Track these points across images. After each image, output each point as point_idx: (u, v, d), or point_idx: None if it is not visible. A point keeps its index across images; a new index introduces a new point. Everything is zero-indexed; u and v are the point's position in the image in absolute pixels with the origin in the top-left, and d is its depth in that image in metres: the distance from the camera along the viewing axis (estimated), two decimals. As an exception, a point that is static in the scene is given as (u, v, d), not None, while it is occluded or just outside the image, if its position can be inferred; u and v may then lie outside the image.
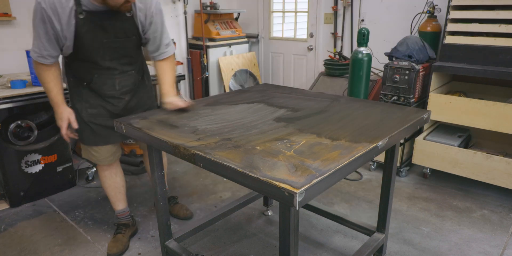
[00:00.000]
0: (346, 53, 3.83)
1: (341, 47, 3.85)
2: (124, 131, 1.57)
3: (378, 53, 3.52)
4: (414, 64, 2.69)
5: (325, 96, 1.96)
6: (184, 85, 4.20)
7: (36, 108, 2.51)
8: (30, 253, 2.10)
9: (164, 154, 1.96)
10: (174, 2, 3.94)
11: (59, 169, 2.73)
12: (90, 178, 2.92)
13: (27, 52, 2.43)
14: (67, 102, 1.86)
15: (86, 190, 2.81)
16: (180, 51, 4.14)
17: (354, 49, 3.53)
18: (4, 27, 2.88)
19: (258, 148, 1.27)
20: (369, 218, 2.40)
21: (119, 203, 2.19)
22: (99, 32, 1.68)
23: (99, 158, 2.01)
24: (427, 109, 2.73)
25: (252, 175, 1.06)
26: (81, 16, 1.61)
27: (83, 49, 1.70)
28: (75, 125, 1.84)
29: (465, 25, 2.59)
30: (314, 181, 1.02)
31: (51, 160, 2.66)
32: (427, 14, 3.04)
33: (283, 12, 4.37)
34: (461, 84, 3.06)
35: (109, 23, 1.67)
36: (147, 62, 2.08)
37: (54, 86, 1.78)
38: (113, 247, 2.06)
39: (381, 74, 3.41)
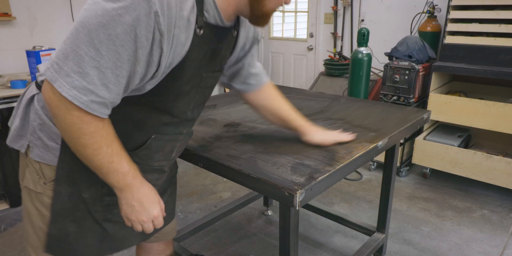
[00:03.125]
0: (346, 53, 3.83)
1: (341, 47, 3.85)
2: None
3: (378, 53, 3.52)
4: (414, 64, 2.69)
5: (325, 96, 1.96)
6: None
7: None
8: (30, 253, 2.10)
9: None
10: (174, 2, 3.94)
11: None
12: (90, 178, 2.92)
13: (27, 52, 2.44)
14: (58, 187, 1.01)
15: (86, 190, 2.81)
16: (180, 51, 4.14)
17: (354, 49, 3.53)
18: (4, 27, 2.88)
19: (258, 148, 1.27)
20: (369, 218, 2.40)
21: None
22: (204, 61, 0.99)
23: None
24: (427, 109, 2.73)
25: (252, 175, 1.06)
26: (200, 32, 0.91)
27: (171, 87, 0.95)
28: (163, 212, 1.02)
29: (465, 25, 2.59)
30: (314, 181, 1.02)
31: (51, 160, 2.66)
32: (427, 14, 3.04)
33: (283, 12, 4.37)
34: (461, 84, 3.06)
35: (219, 47, 1.02)
36: None
37: (121, 148, 0.91)
38: None
39: (381, 74, 3.41)
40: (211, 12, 0.91)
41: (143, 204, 0.95)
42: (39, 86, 0.97)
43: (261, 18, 0.98)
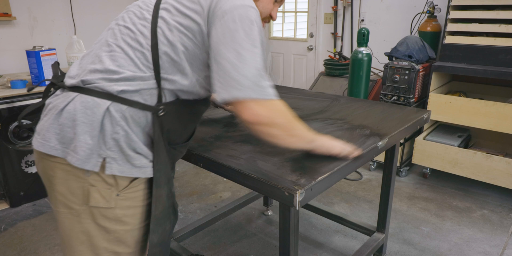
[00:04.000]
0: (346, 53, 3.83)
1: (341, 47, 3.85)
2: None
3: (378, 53, 3.52)
4: (414, 64, 2.69)
5: (325, 96, 1.96)
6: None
7: (36, 108, 2.51)
8: (30, 253, 2.10)
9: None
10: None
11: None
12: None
13: (27, 52, 2.44)
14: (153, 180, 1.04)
15: (86, 190, 2.81)
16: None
17: (354, 49, 3.53)
18: (4, 27, 2.88)
19: (258, 148, 1.27)
20: (369, 218, 2.40)
21: None
22: None
23: None
24: (427, 109, 2.73)
25: (252, 175, 1.06)
26: None
27: None
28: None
29: (465, 25, 2.59)
30: (314, 181, 1.02)
31: (51, 160, 2.66)
32: (427, 14, 3.04)
33: (283, 12, 4.37)
34: (461, 84, 3.06)
35: None
36: None
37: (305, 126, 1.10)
38: None
39: (381, 74, 3.41)
40: None
41: (333, 140, 1.17)
42: (113, 96, 0.95)
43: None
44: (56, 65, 1.15)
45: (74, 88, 0.98)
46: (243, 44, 0.94)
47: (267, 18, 1.17)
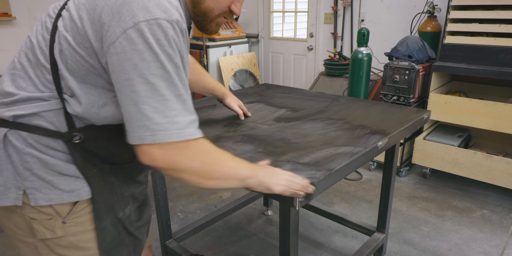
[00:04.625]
0: (346, 53, 3.83)
1: (341, 47, 3.85)
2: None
3: (378, 53, 3.52)
4: (414, 64, 2.69)
5: (325, 96, 1.96)
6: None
7: None
8: (30, 253, 2.10)
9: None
10: (174, 2, 3.94)
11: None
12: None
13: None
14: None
15: (86, 190, 2.81)
16: (180, 51, 4.14)
17: (354, 49, 3.53)
18: (4, 27, 2.88)
19: (258, 148, 1.27)
20: (369, 218, 2.40)
21: None
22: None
23: None
24: (427, 109, 2.73)
25: (252, 175, 1.06)
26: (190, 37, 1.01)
27: None
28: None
29: (465, 25, 2.59)
30: (314, 181, 1.02)
31: (51, 160, 2.66)
32: (427, 14, 3.04)
33: (283, 12, 4.37)
34: (461, 84, 3.06)
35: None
36: None
37: (231, 156, 0.93)
38: None
39: (381, 74, 3.41)
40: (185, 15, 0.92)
41: (272, 172, 0.97)
42: (8, 123, 0.82)
43: (201, 18, 0.93)
44: None
45: None
46: (152, 71, 0.74)
47: (226, 13, 0.95)
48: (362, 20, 3.63)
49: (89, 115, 0.84)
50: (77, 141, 0.84)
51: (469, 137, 3.01)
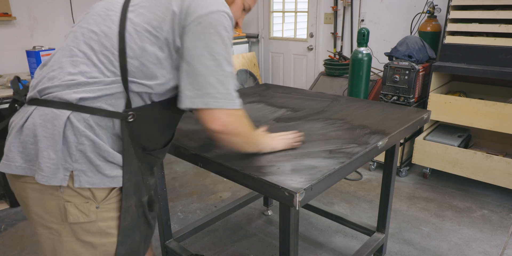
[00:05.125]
0: (346, 53, 3.83)
1: (341, 47, 3.85)
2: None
3: (378, 53, 3.52)
4: (414, 64, 2.69)
5: (325, 96, 1.96)
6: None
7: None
8: (30, 253, 2.10)
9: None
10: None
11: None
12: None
13: (27, 52, 2.44)
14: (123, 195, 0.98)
15: (86, 190, 2.81)
16: (180, 51, 4.14)
17: (354, 49, 3.53)
18: (4, 27, 2.88)
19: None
20: (369, 218, 2.40)
21: None
22: None
23: None
24: (427, 109, 2.73)
25: (252, 175, 1.06)
26: None
27: None
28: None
29: (465, 25, 2.59)
30: (314, 181, 1.02)
31: (51, 160, 2.66)
32: (427, 14, 3.04)
33: (283, 12, 4.37)
34: (461, 84, 3.06)
35: None
36: None
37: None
38: None
39: (381, 74, 3.41)
40: None
41: (280, 137, 1.26)
42: (73, 105, 0.89)
43: None
44: (15, 81, 1.08)
45: (31, 101, 0.92)
46: (219, 50, 0.93)
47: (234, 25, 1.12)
48: (362, 20, 3.63)
49: (159, 91, 0.97)
50: (130, 120, 0.93)
51: (469, 137, 3.01)
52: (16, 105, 1.02)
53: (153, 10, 0.94)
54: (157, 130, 1.03)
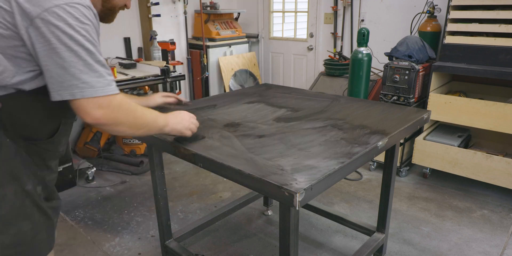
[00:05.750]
0: (346, 53, 3.83)
1: (341, 47, 3.85)
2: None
3: (378, 53, 3.52)
4: (414, 64, 2.69)
5: (325, 96, 1.96)
6: (184, 85, 4.20)
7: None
8: (30, 253, 2.09)
9: None
10: (174, 2, 3.94)
11: (59, 169, 2.72)
12: (90, 178, 2.92)
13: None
14: None
15: (86, 190, 2.81)
16: (180, 51, 4.14)
17: (354, 49, 3.53)
18: (4, 27, 2.88)
19: (258, 148, 1.27)
20: (369, 218, 2.40)
21: None
22: None
23: None
24: (427, 109, 2.73)
25: (252, 175, 1.06)
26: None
27: None
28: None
29: (465, 25, 2.59)
30: (314, 181, 1.02)
31: (51, 160, 2.66)
32: (427, 14, 3.04)
33: (283, 12, 4.37)
34: (461, 84, 3.06)
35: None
36: None
37: (148, 109, 1.16)
38: None
39: (381, 74, 3.41)
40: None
41: (181, 118, 1.26)
42: None
43: (109, 11, 1.15)
44: None
45: None
46: (76, 40, 0.91)
47: (123, 7, 1.18)
48: (362, 20, 3.63)
49: (18, 82, 0.96)
50: None
51: (469, 137, 3.01)
52: None
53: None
54: (32, 118, 1.02)
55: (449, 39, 2.66)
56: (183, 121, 1.25)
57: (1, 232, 0.97)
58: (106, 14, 1.16)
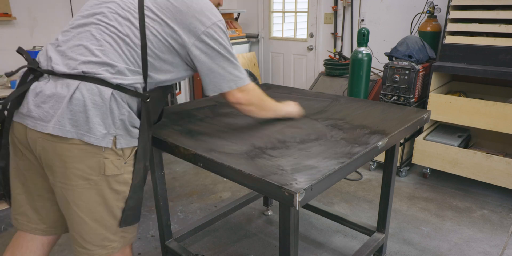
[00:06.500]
0: (346, 53, 3.83)
1: (341, 47, 3.85)
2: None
3: (378, 53, 3.52)
4: (414, 64, 2.69)
5: (325, 96, 1.96)
6: (184, 85, 4.20)
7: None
8: (30, 253, 2.09)
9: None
10: (174, 2, 3.95)
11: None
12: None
13: (27, 52, 2.44)
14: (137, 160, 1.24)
15: (86, 190, 2.81)
16: (180, 51, 4.14)
17: (354, 49, 3.53)
18: (4, 27, 2.88)
19: (257, 148, 1.27)
20: (369, 218, 2.40)
21: None
22: None
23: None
24: (427, 109, 2.73)
25: (252, 175, 1.06)
26: None
27: None
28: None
29: (465, 25, 2.59)
30: (314, 181, 1.02)
31: (51, 160, 2.66)
32: (427, 14, 3.04)
33: (283, 12, 4.37)
34: (461, 84, 3.06)
35: None
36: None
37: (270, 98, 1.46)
38: None
39: (381, 74, 3.41)
40: None
41: (293, 107, 1.58)
42: (113, 86, 1.13)
43: None
44: (23, 50, 1.26)
45: (73, 76, 1.11)
46: (225, 51, 1.26)
47: (216, 5, 1.41)
48: (362, 20, 3.63)
49: (166, 80, 1.28)
50: (147, 100, 1.21)
51: (469, 137, 3.01)
52: (31, 74, 1.19)
53: (162, 16, 1.22)
54: (159, 106, 1.33)
55: (449, 39, 2.66)
56: (294, 110, 1.57)
57: (130, 197, 1.23)
58: None
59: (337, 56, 3.71)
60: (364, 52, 2.80)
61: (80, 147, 1.11)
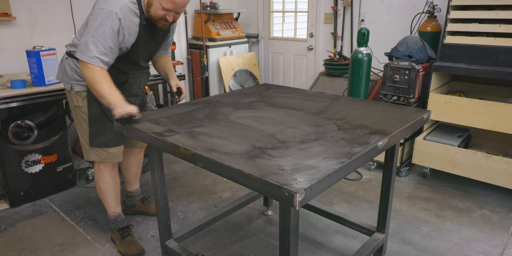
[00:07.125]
0: (346, 53, 3.83)
1: (341, 47, 3.85)
2: (124, 132, 1.58)
3: (378, 53, 3.52)
4: (414, 64, 2.69)
5: (325, 96, 1.96)
6: (184, 85, 4.19)
7: (36, 108, 2.51)
8: (30, 253, 2.10)
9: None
10: (174, 2, 3.94)
11: (59, 169, 2.73)
12: (90, 178, 2.92)
13: (27, 52, 2.44)
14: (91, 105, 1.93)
15: (86, 190, 2.81)
16: (180, 51, 4.14)
17: (354, 49, 3.53)
18: (4, 27, 2.88)
19: (257, 148, 1.27)
20: (369, 218, 2.40)
21: (119, 206, 2.18)
22: (148, 38, 1.88)
23: (116, 155, 2.04)
24: (427, 109, 2.73)
25: (252, 175, 1.06)
26: (143, 22, 1.79)
27: (133, 52, 1.86)
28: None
29: (465, 25, 2.59)
30: (314, 181, 1.02)
31: (51, 160, 2.66)
32: (427, 14, 3.04)
33: (283, 12, 4.37)
34: (461, 84, 3.06)
35: (155, 32, 1.90)
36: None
37: (113, 85, 1.71)
38: (135, 248, 2.09)
39: (381, 74, 3.41)
40: (144, 13, 1.79)
41: (125, 107, 1.65)
42: (68, 53, 1.91)
43: (151, 19, 1.79)
44: None
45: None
46: (95, 27, 1.66)
47: (162, 20, 1.76)
48: (362, 20, 3.63)
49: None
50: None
51: (469, 137, 3.01)
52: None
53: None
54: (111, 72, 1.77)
55: (449, 39, 2.66)
56: (123, 108, 1.63)
57: (90, 126, 1.95)
58: (151, 21, 1.80)
59: (337, 56, 3.71)
60: (364, 52, 2.80)
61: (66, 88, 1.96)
